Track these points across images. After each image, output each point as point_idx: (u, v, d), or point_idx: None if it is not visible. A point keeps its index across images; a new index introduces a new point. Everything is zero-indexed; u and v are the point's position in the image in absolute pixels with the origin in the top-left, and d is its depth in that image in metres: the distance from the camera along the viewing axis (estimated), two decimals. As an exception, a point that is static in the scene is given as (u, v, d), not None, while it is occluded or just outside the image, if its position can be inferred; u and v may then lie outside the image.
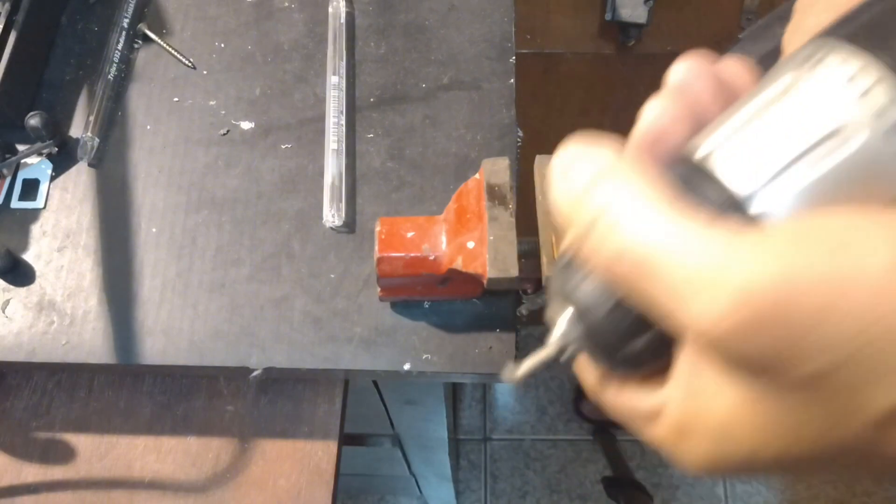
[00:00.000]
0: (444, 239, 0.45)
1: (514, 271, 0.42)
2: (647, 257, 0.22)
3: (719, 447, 0.23)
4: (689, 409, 0.24)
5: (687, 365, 0.24)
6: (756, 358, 0.20)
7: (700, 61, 0.27)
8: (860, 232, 0.20)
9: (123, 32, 0.59)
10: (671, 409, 0.24)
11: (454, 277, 0.45)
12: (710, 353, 0.22)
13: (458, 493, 1.41)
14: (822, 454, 0.22)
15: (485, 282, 0.42)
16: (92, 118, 0.56)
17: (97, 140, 0.55)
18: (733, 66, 0.27)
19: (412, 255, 0.45)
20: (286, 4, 0.60)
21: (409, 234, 0.45)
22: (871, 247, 0.19)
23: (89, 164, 0.55)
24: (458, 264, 0.43)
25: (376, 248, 0.45)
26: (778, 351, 0.20)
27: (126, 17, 0.59)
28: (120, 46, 0.58)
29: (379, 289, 0.48)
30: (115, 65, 0.58)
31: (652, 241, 0.22)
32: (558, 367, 0.28)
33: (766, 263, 0.20)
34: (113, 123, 0.57)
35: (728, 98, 0.26)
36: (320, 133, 0.55)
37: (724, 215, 0.22)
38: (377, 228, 0.45)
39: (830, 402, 0.20)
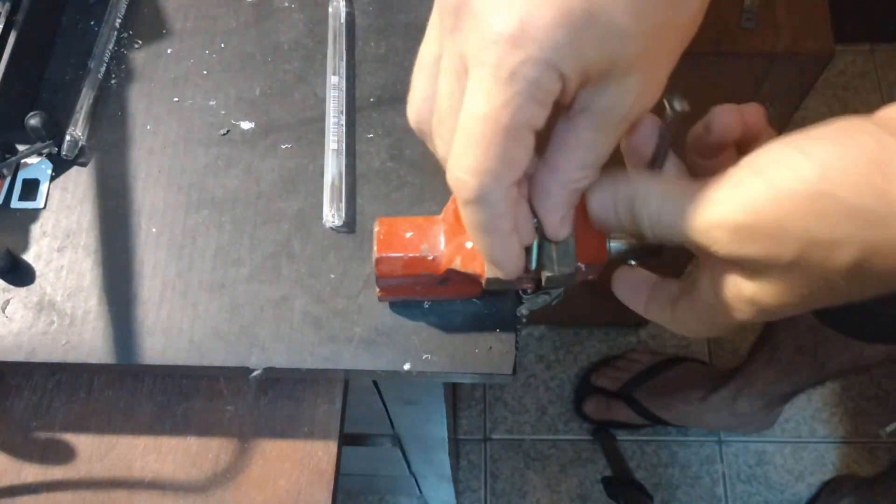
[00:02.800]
0: (442, 239, 0.45)
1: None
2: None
3: (753, 308, 0.33)
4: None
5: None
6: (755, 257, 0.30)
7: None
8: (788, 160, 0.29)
9: (115, 32, 0.59)
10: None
11: (453, 277, 0.45)
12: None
13: (458, 493, 1.41)
14: (817, 300, 0.31)
15: (483, 282, 0.42)
16: (78, 116, 0.56)
17: (82, 137, 0.55)
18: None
19: (411, 255, 0.44)
20: (286, 4, 0.60)
21: (408, 235, 0.45)
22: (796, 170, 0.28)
23: (78, 163, 0.55)
24: (457, 264, 0.43)
25: (375, 248, 0.45)
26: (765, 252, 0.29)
27: (118, 18, 0.59)
28: (111, 46, 0.58)
29: (378, 289, 0.48)
30: (105, 63, 0.58)
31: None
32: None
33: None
34: (113, 123, 0.57)
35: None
36: (320, 133, 0.55)
37: None
38: (375, 229, 0.45)
39: (810, 273, 0.29)
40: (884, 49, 1.68)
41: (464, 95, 0.32)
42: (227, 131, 0.56)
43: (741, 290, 0.33)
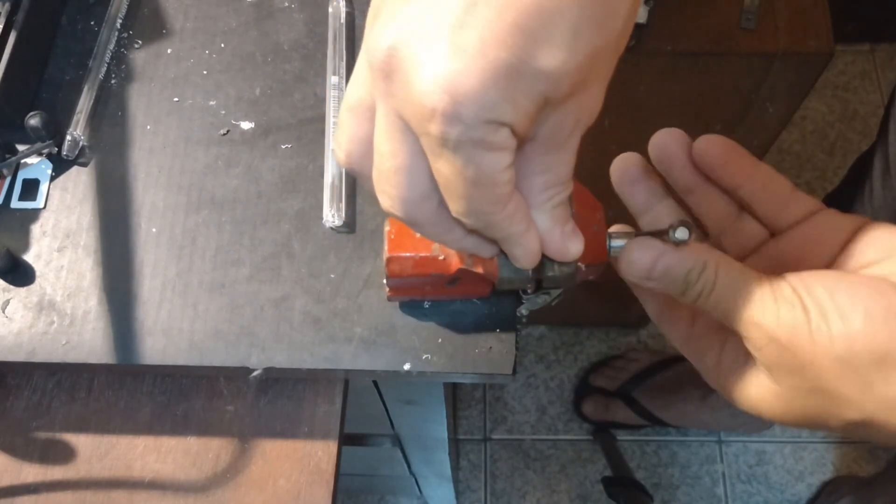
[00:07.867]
0: None
1: (526, 271, 0.41)
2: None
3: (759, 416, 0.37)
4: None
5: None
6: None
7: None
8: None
9: (116, 32, 0.59)
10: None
11: (463, 277, 0.45)
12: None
13: (458, 493, 1.41)
14: (820, 428, 0.35)
15: (496, 281, 0.42)
16: (79, 116, 0.56)
17: (83, 138, 0.55)
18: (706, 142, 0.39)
19: (421, 254, 0.44)
20: (286, 4, 0.60)
21: (419, 234, 0.45)
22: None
23: (78, 163, 0.55)
24: (468, 264, 0.43)
25: (386, 247, 0.44)
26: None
27: (119, 18, 0.59)
28: (111, 46, 0.58)
29: (387, 289, 0.48)
30: (105, 63, 0.58)
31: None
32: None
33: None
34: (113, 123, 0.57)
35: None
36: (320, 133, 0.55)
37: None
38: (386, 228, 0.45)
39: (817, 406, 0.34)
40: (884, 49, 1.68)
41: (409, 154, 0.32)
42: (227, 131, 0.56)
43: (747, 390, 0.36)
